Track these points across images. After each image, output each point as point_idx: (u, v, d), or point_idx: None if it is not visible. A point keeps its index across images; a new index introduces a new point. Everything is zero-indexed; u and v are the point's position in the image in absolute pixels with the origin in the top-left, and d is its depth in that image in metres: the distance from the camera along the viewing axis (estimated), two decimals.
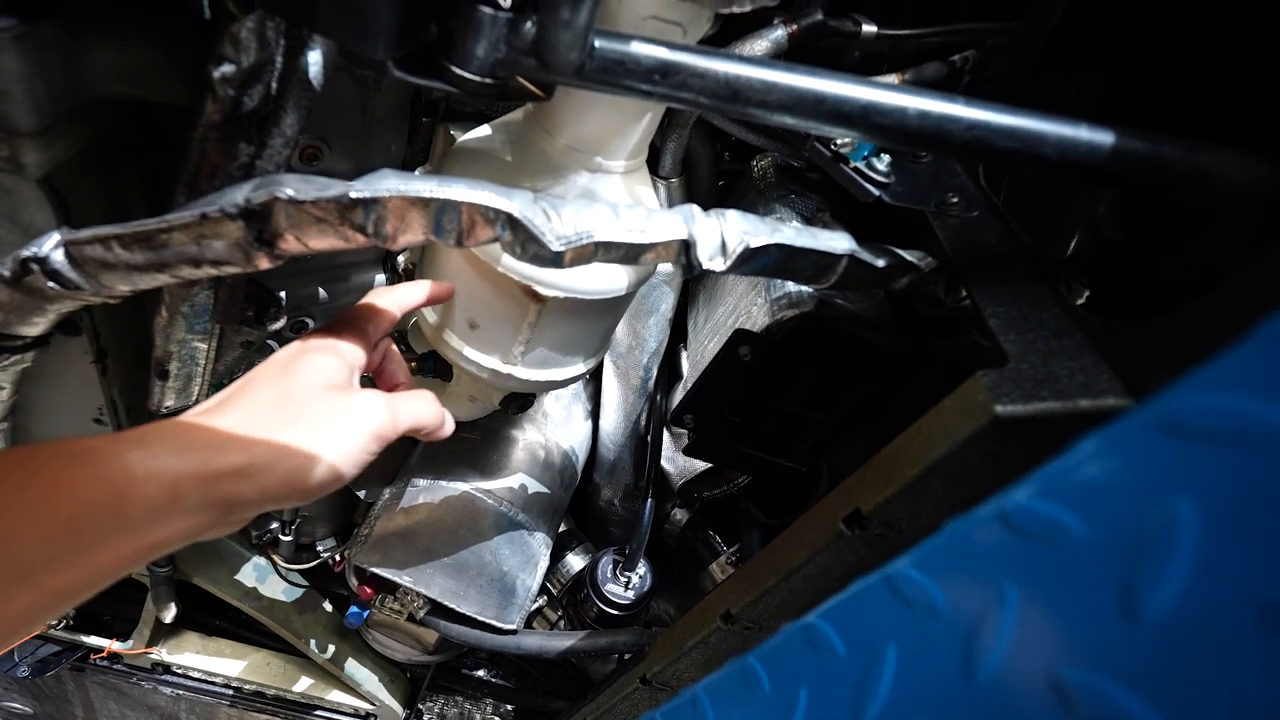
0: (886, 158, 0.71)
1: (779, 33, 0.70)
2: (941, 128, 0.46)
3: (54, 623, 1.06)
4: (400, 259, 0.93)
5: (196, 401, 0.68)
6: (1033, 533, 0.35)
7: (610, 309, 0.64)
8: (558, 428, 0.95)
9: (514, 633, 0.88)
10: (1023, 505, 0.36)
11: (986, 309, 0.55)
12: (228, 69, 0.44)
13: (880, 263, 0.55)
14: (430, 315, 0.66)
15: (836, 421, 0.73)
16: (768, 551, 0.70)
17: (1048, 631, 0.32)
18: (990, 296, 0.56)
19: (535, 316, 0.60)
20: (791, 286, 0.69)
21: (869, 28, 0.75)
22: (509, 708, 1.36)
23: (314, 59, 0.47)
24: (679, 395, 0.96)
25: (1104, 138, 0.44)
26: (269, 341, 0.85)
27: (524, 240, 0.43)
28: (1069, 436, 0.50)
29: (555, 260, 0.44)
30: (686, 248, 0.46)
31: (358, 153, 0.75)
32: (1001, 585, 0.35)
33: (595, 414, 1.03)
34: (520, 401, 0.77)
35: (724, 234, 0.48)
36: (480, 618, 0.86)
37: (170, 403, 0.67)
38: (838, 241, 0.53)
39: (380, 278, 0.98)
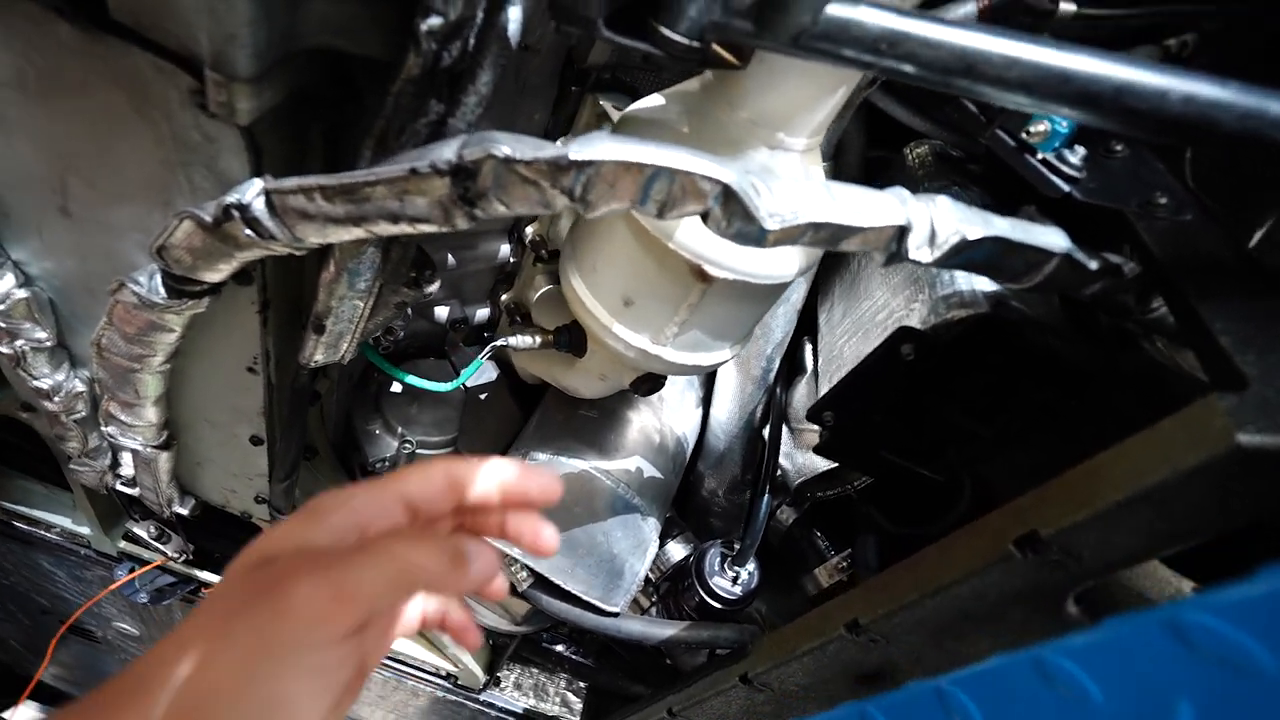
0: (1081, 150, 0.65)
1: (969, 7, 0.65)
2: (1207, 116, 0.41)
3: (175, 555, 1.12)
4: (529, 230, 0.92)
5: (342, 359, 0.69)
6: (1213, 654, 0.31)
7: (773, 294, 0.61)
8: (672, 412, 0.93)
9: (616, 615, 0.87)
10: (1201, 622, 0.31)
11: (1214, 324, 0.49)
12: (435, 21, 0.43)
13: (1093, 265, 0.50)
14: (580, 285, 0.64)
15: (992, 434, 0.68)
16: (910, 564, 0.66)
17: None
18: (1217, 311, 0.50)
19: (698, 297, 0.57)
20: (963, 284, 0.64)
21: (1067, 5, 0.69)
22: (582, 685, 1.37)
23: (514, 15, 0.46)
24: (800, 390, 0.93)
25: None
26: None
27: (734, 215, 0.40)
28: None
29: (759, 239, 0.42)
30: (901, 234, 0.43)
31: (503, 120, 0.74)
32: (1173, 701, 0.31)
33: (707, 401, 1.00)
34: (652, 384, 0.75)
35: (934, 223, 0.44)
36: (585, 596, 0.85)
37: (319, 357, 0.67)
38: (1053, 238, 0.48)
39: (505, 248, 0.98)
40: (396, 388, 0.99)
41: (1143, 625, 0.33)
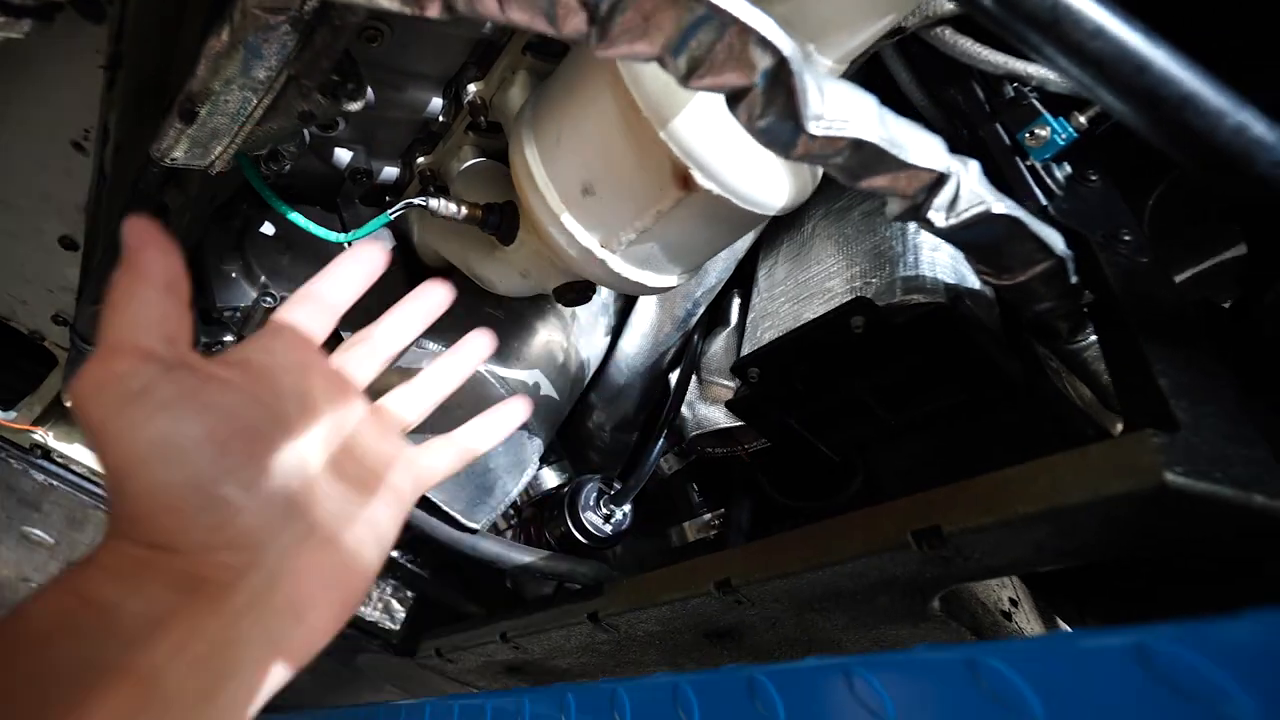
0: (1067, 167, 0.64)
1: None
2: (1247, 152, 0.40)
3: None
4: (471, 88, 0.79)
5: (209, 167, 0.55)
6: (1181, 687, 0.30)
7: (746, 225, 0.55)
8: (583, 333, 0.86)
9: (475, 532, 0.81)
10: (1176, 654, 0.30)
11: (1157, 365, 0.50)
12: None
13: (1074, 279, 0.49)
14: (533, 157, 0.54)
15: (899, 423, 0.68)
16: (800, 536, 0.65)
17: None
18: (1162, 355, 0.51)
19: (671, 205, 0.50)
20: (926, 269, 0.62)
21: None
22: (409, 594, 1.30)
23: None
24: (718, 343, 0.89)
25: None
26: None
27: (776, 104, 0.33)
28: (1229, 528, 0.46)
29: (791, 143, 0.35)
30: (937, 184, 0.38)
31: None
32: None
33: (617, 331, 0.94)
34: (578, 294, 0.67)
35: (961, 187, 0.40)
36: (445, 507, 0.78)
37: (179, 154, 0.53)
38: (1056, 240, 0.46)
39: (437, 102, 0.84)
40: (268, 229, 0.83)
41: (1103, 643, 0.32)
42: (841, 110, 0.34)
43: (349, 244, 0.90)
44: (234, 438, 0.32)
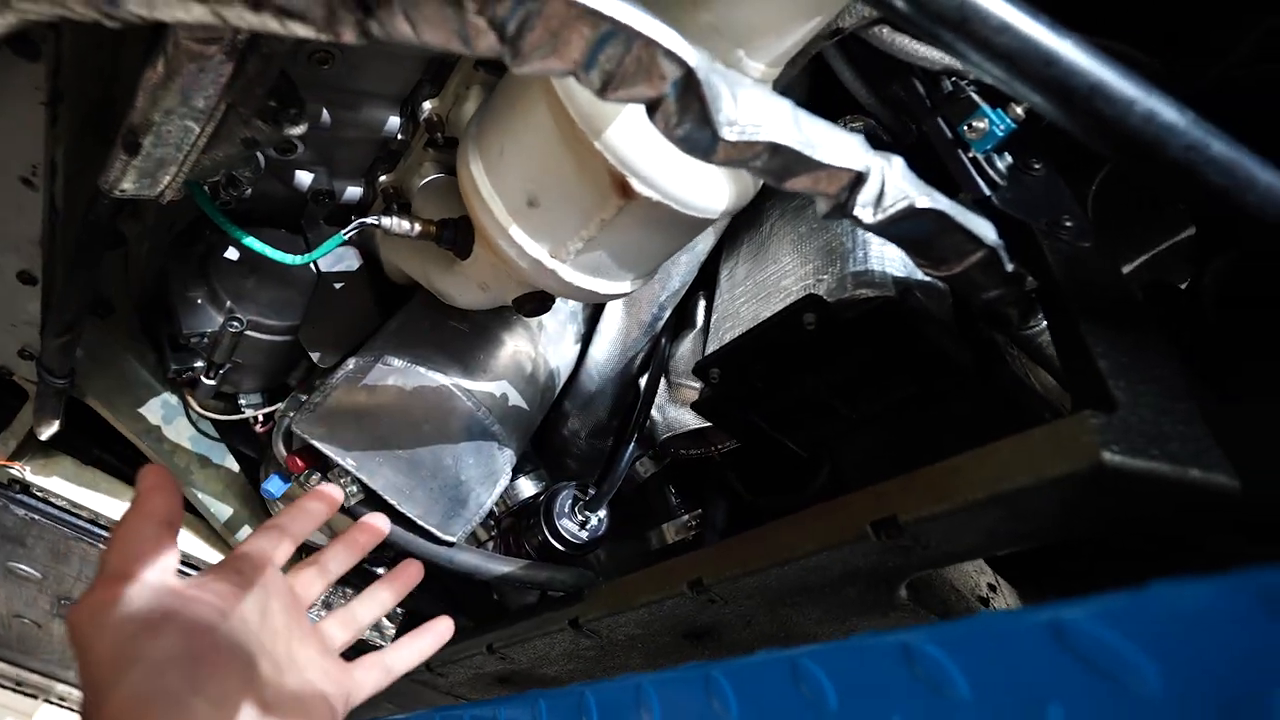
0: (1009, 158, 0.65)
1: None
2: (1159, 139, 0.41)
3: None
4: (426, 105, 0.80)
5: (160, 197, 0.55)
6: (1093, 661, 0.30)
7: (692, 230, 0.56)
8: (550, 342, 0.87)
9: (451, 545, 0.81)
10: (1087, 628, 0.31)
11: (1096, 348, 0.51)
12: None
13: (1010, 268, 0.50)
14: (479, 172, 0.55)
15: (858, 417, 0.69)
16: (764, 532, 0.66)
17: None
18: (1099, 337, 0.52)
19: (613, 213, 0.51)
20: (875, 264, 0.63)
21: None
22: (399, 610, 1.29)
23: None
24: (686, 345, 0.90)
25: None
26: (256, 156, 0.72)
27: (689, 112, 0.34)
28: (1167, 505, 0.47)
29: (708, 148, 0.36)
30: (857, 182, 0.39)
31: None
32: (1045, 703, 0.31)
33: (586, 339, 0.95)
34: (537, 304, 0.68)
35: (886, 183, 0.41)
36: (420, 521, 0.78)
37: (129, 186, 0.53)
38: (986, 229, 0.47)
39: (394, 121, 0.85)
40: (233, 254, 0.84)
41: (1021, 622, 0.33)
42: (755, 115, 0.35)
43: (315, 264, 0.91)
44: (205, 654, 0.38)
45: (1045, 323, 0.62)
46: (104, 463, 1.04)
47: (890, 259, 0.63)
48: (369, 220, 0.61)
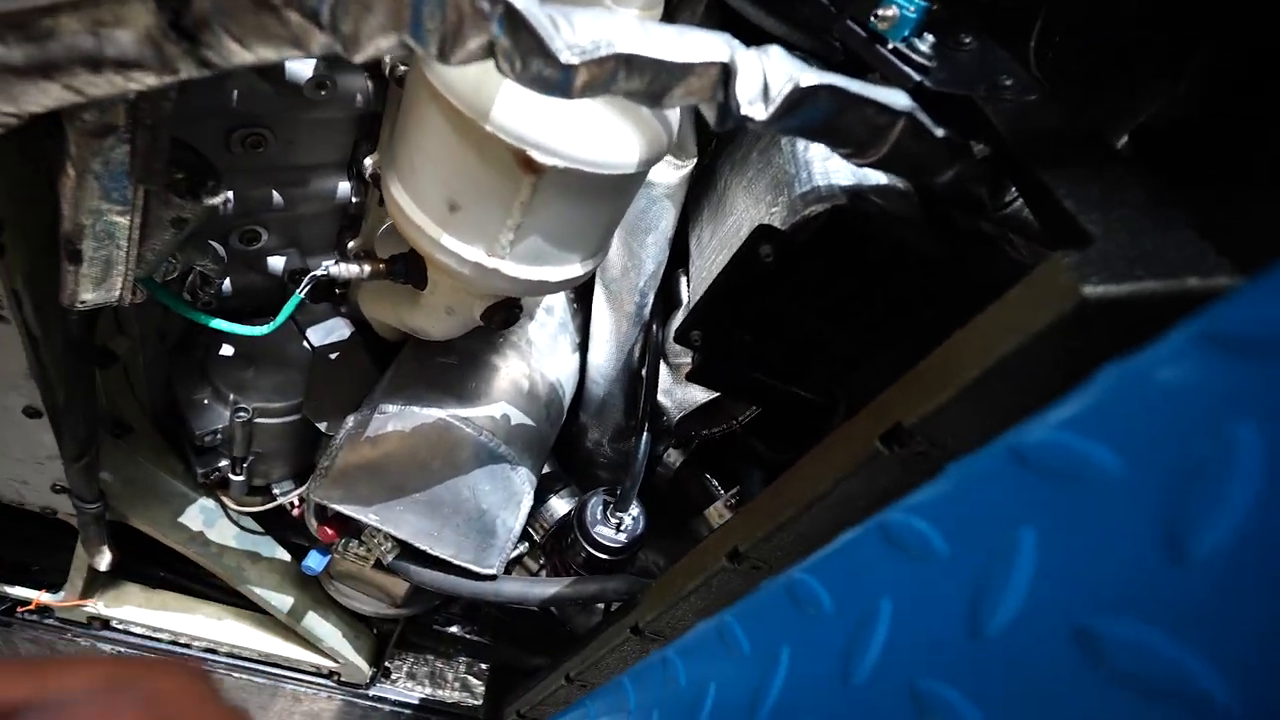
0: (930, 38, 0.62)
1: None
2: None
3: None
4: (368, 162, 0.82)
5: (120, 299, 0.58)
6: (1056, 470, 0.30)
7: (617, 192, 0.55)
8: (543, 357, 0.86)
9: (493, 578, 0.80)
10: (1044, 440, 0.31)
11: (1059, 189, 0.48)
12: None
13: (939, 132, 0.47)
14: (400, 193, 0.56)
15: (857, 341, 0.66)
16: (784, 481, 0.63)
17: (1074, 578, 0.28)
18: (1061, 178, 0.49)
19: (529, 193, 0.50)
20: (820, 180, 0.60)
21: None
22: (483, 666, 1.29)
23: None
24: (676, 324, 0.88)
25: None
26: (211, 245, 0.74)
27: (526, 49, 0.34)
28: (1166, 323, 0.43)
29: (564, 82, 0.35)
30: (726, 78, 0.38)
31: None
32: (1015, 530, 0.31)
33: (583, 347, 0.94)
34: (505, 314, 0.68)
35: (767, 72, 0.39)
36: (456, 561, 0.78)
37: (88, 296, 0.56)
38: (895, 96, 0.44)
39: (345, 186, 0.87)
40: (227, 350, 0.87)
41: (984, 460, 0.31)
42: (595, 34, 0.34)
43: (309, 341, 0.94)
44: None
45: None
46: (168, 582, 1.08)
47: (836, 172, 0.61)
48: (319, 272, 0.62)
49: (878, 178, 0.63)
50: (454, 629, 1.22)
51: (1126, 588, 0.26)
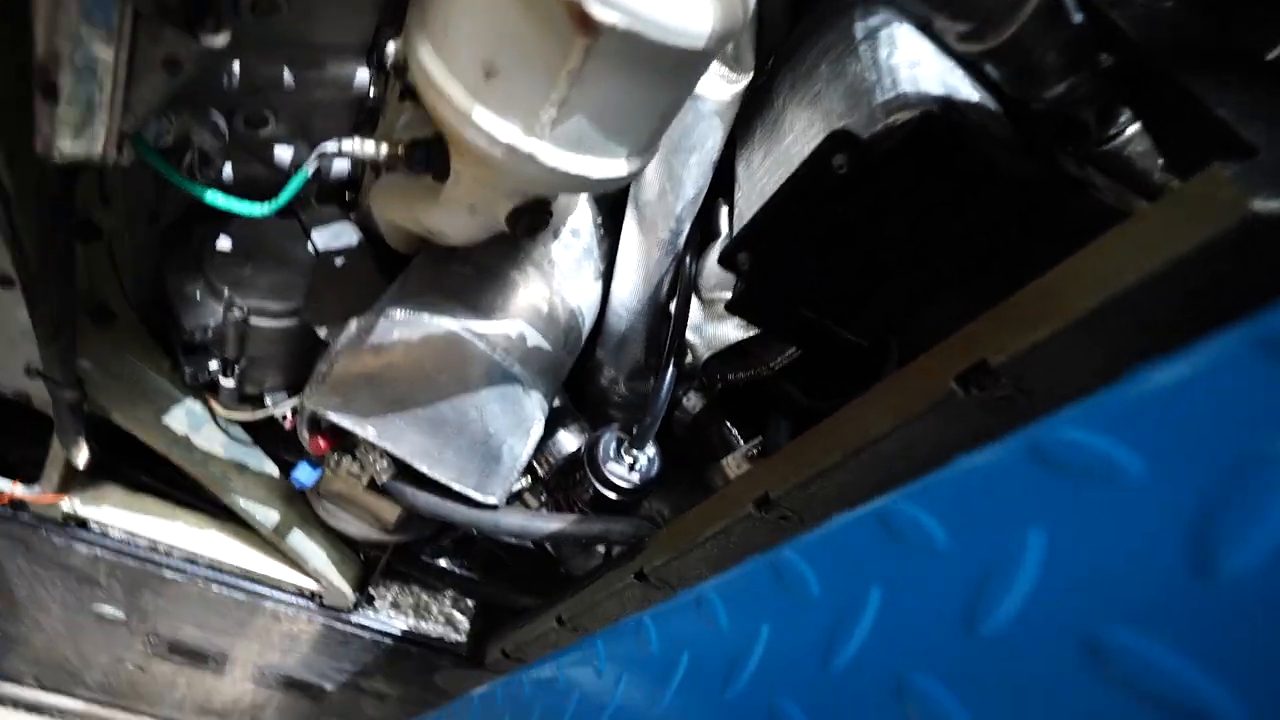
0: None
1: None
2: None
3: None
4: (390, 47, 0.74)
5: (104, 154, 0.51)
6: (1075, 470, 0.29)
7: (679, 73, 0.48)
8: (566, 280, 0.80)
9: (494, 508, 0.75)
10: (1065, 438, 0.30)
11: (1210, 98, 0.41)
12: None
13: (1077, 17, 0.40)
14: (429, 58, 0.48)
15: (926, 272, 0.59)
16: (831, 423, 0.57)
17: (1085, 583, 0.27)
18: (1210, 86, 0.42)
19: (580, 60, 0.43)
20: (908, 86, 0.53)
21: None
22: (469, 602, 1.25)
23: None
24: (713, 257, 0.81)
25: None
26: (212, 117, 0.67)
27: None
28: None
29: None
30: None
31: None
32: (1025, 528, 0.30)
33: (607, 277, 0.87)
34: (533, 218, 0.61)
35: None
36: (456, 486, 0.72)
37: (66, 145, 0.49)
38: None
39: (363, 74, 0.79)
40: (224, 244, 0.80)
41: (998, 456, 0.32)
42: None
43: (313, 243, 0.87)
44: None
45: (1132, 128, 0.51)
46: (150, 487, 1.03)
47: (925, 79, 0.53)
48: (329, 146, 0.55)
49: (969, 93, 0.55)
50: (442, 562, 1.18)
51: (1142, 599, 0.25)
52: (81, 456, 0.83)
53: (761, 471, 0.62)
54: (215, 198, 0.58)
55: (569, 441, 0.87)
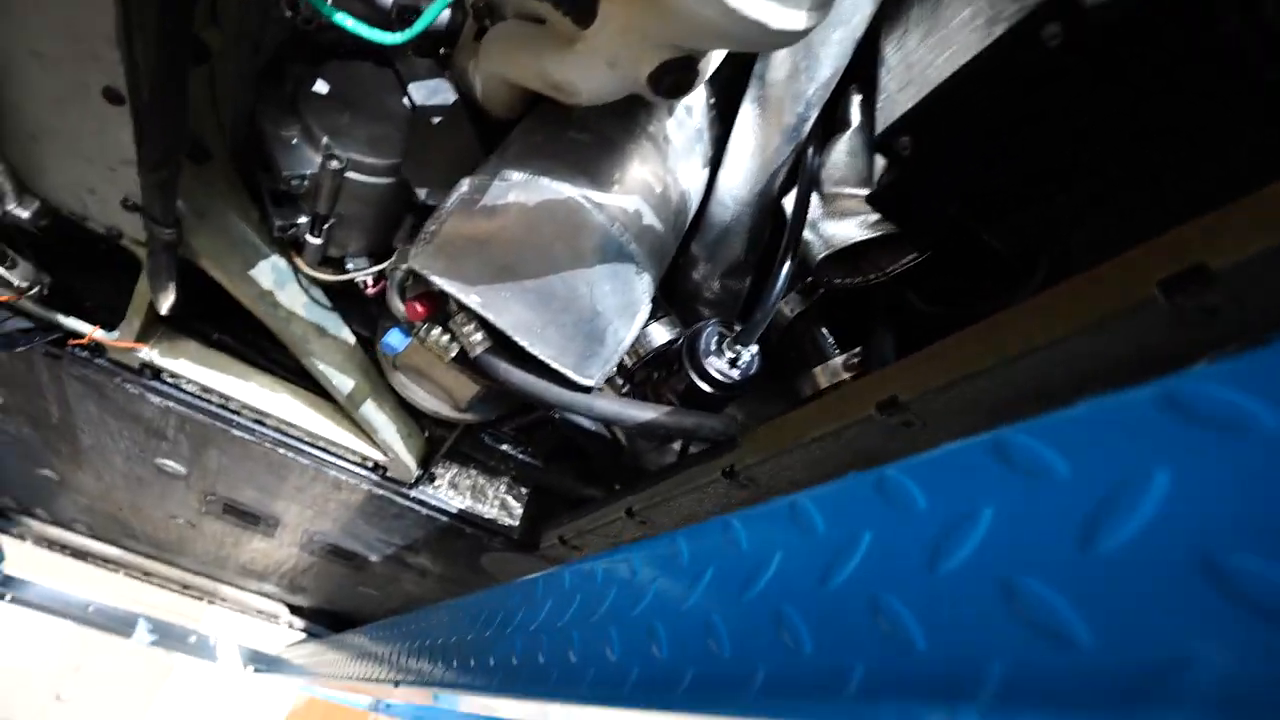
0: None
1: None
2: None
3: (24, 287, 0.88)
4: None
5: None
6: (1208, 419, 0.30)
7: None
8: (679, 159, 0.75)
9: (588, 390, 0.73)
10: (1204, 391, 0.31)
11: None
12: None
13: None
14: None
15: (1123, 170, 0.53)
16: (985, 327, 0.53)
17: (1208, 515, 0.28)
18: None
19: None
20: None
21: None
22: (523, 490, 1.27)
23: None
24: (840, 149, 0.75)
25: None
26: None
27: None
28: None
29: None
30: None
31: None
32: (1151, 464, 0.31)
33: (715, 164, 0.82)
34: (679, 75, 0.55)
35: None
36: (554, 364, 0.70)
37: None
38: None
39: None
40: (321, 87, 0.75)
41: (1131, 401, 0.32)
42: None
43: (410, 98, 0.82)
44: None
45: None
46: (225, 346, 1.03)
47: None
48: None
49: None
50: (505, 446, 1.19)
51: (1268, 529, 0.26)
52: (168, 302, 0.81)
53: (893, 373, 0.60)
54: (345, 19, 0.53)
55: (660, 334, 0.84)
